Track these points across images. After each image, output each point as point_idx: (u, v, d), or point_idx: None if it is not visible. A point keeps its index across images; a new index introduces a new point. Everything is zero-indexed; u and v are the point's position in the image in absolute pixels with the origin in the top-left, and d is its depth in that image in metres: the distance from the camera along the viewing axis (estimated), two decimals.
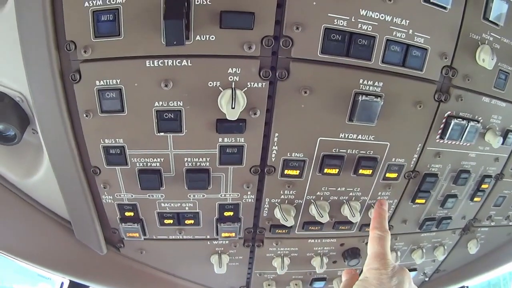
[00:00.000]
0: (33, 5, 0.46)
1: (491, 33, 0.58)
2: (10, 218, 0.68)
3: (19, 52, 0.49)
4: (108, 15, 0.47)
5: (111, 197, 0.65)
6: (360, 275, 0.51)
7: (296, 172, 0.63)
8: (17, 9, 0.47)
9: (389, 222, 0.77)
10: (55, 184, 0.63)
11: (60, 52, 0.49)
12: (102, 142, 0.57)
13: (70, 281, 0.82)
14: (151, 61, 0.50)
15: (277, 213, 0.67)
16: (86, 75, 0.51)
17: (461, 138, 0.65)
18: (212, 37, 0.49)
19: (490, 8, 0.56)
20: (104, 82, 0.51)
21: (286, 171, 0.63)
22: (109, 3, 0.46)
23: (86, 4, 0.46)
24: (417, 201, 0.74)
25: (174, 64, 0.50)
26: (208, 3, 0.47)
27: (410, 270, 0.94)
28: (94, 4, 0.46)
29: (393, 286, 0.46)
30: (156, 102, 0.53)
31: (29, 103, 0.59)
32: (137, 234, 0.69)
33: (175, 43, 0.45)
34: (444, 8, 0.52)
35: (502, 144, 0.71)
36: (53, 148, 0.59)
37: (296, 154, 0.61)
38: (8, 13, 0.48)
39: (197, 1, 0.47)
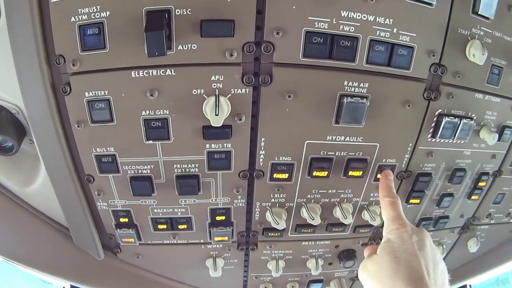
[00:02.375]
0: (24, 22, 0.48)
1: (481, 27, 0.57)
2: (11, 225, 0.70)
3: (13, 66, 0.51)
4: (93, 29, 0.48)
5: (106, 204, 0.66)
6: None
7: (285, 176, 0.63)
8: (9, 26, 0.49)
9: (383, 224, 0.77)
10: (53, 192, 0.65)
11: (51, 66, 0.51)
12: (94, 151, 0.58)
13: (71, 286, 0.84)
14: (136, 72, 0.51)
15: (269, 217, 0.68)
16: (75, 87, 0.52)
17: (454, 136, 0.64)
18: (194, 46, 0.50)
19: (479, 2, 0.54)
20: (92, 94, 0.53)
21: (275, 175, 0.63)
22: (93, 17, 0.47)
23: (73, 19, 0.47)
24: (412, 201, 0.73)
25: (159, 74, 0.51)
26: (188, 13, 0.48)
27: None
28: (80, 19, 0.48)
29: (414, 242, 0.49)
30: (143, 111, 0.54)
31: (24, 115, 0.61)
32: (132, 240, 0.70)
33: (156, 54, 0.46)
34: (430, 4, 0.52)
35: (499, 140, 0.69)
36: (48, 157, 0.61)
37: (283, 158, 0.61)
38: (1, 29, 0.50)
39: (178, 12, 0.47)
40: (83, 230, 0.70)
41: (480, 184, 0.77)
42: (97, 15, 0.47)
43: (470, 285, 1.14)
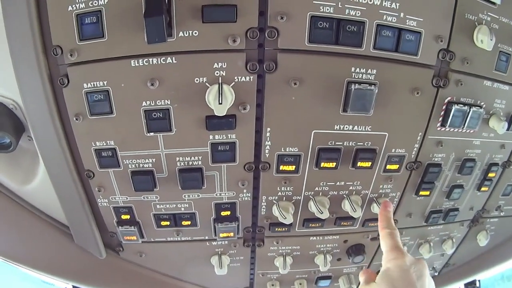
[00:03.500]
0: (20, 12, 0.47)
1: (488, 13, 0.56)
2: (10, 225, 0.69)
3: (10, 60, 0.50)
4: (91, 18, 0.47)
5: (107, 201, 0.65)
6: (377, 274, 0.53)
7: (292, 168, 0.61)
8: (5, 17, 0.48)
9: (393, 216, 0.75)
10: (52, 189, 0.64)
11: (48, 57, 0.50)
12: (94, 145, 0.57)
13: (73, 287, 0.82)
14: (135, 61, 0.49)
15: (275, 211, 0.66)
16: (73, 78, 0.51)
17: (464, 125, 0.62)
18: (195, 33, 0.48)
19: None
20: (91, 85, 0.51)
21: (281, 167, 0.61)
22: (91, 5, 0.46)
23: (70, 8, 0.46)
24: (421, 193, 0.71)
25: (159, 62, 0.50)
26: None
27: None
28: (78, 8, 0.46)
29: (413, 272, 0.50)
30: (144, 102, 0.53)
31: (22, 111, 0.60)
32: (134, 237, 0.69)
33: (157, 40, 0.44)
34: None
35: (508, 129, 0.68)
36: (47, 153, 0.59)
37: (290, 148, 0.60)
38: None
39: None
40: (84, 229, 0.68)
41: (490, 175, 0.76)
42: (95, 3, 0.46)
43: (479, 281, 1.12)
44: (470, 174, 0.72)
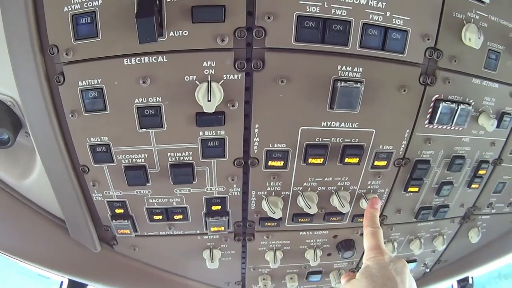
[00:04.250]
0: (17, 12, 0.48)
1: (477, 11, 0.56)
2: (7, 219, 0.70)
3: (8, 58, 0.52)
4: (86, 18, 0.48)
5: (101, 195, 0.66)
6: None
7: (280, 163, 0.62)
8: (3, 16, 0.49)
9: (382, 212, 0.76)
10: (49, 184, 0.65)
11: (45, 56, 0.51)
12: (88, 140, 0.58)
13: (69, 280, 0.84)
14: (128, 59, 0.51)
15: (265, 206, 0.67)
16: (69, 76, 0.52)
17: (452, 122, 0.63)
18: (185, 32, 0.49)
19: None
20: (86, 83, 0.53)
21: (270, 163, 0.62)
22: (86, 6, 0.48)
23: (66, 9, 0.48)
24: (410, 189, 0.72)
25: (151, 61, 0.51)
26: None
27: (409, 261, 0.91)
28: (73, 9, 0.48)
29: (392, 269, 0.51)
30: (136, 99, 0.54)
31: (20, 107, 0.61)
32: (128, 231, 0.70)
33: (148, 40, 0.46)
34: None
35: (498, 127, 0.68)
36: (43, 149, 0.61)
37: (278, 144, 0.61)
38: None
39: None
40: (79, 222, 0.70)
41: (480, 172, 0.76)
42: (90, 4, 0.47)
43: (471, 277, 1.12)
44: (460, 171, 0.73)
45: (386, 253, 0.54)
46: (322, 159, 0.62)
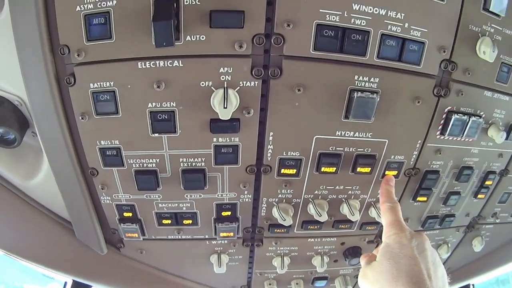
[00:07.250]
0: (27, 11, 0.47)
1: (492, 25, 0.56)
2: (13, 219, 0.70)
3: (16, 57, 0.50)
4: (99, 19, 0.47)
5: (109, 198, 0.65)
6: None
7: (293, 171, 0.62)
8: (12, 15, 0.48)
9: None
10: (56, 185, 0.64)
11: (55, 56, 0.50)
12: (99, 143, 0.57)
13: (73, 281, 0.83)
14: (143, 63, 0.50)
15: (275, 213, 0.67)
16: (80, 78, 0.51)
17: (463, 134, 0.63)
18: (203, 37, 0.49)
19: None
20: (98, 85, 0.52)
21: (282, 170, 0.62)
22: (100, 6, 0.46)
23: (78, 8, 0.47)
24: (419, 198, 0.72)
25: (166, 65, 0.50)
26: (198, 3, 0.47)
27: None
28: (86, 8, 0.47)
29: (414, 246, 0.49)
30: (150, 103, 0.53)
31: (27, 107, 0.60)
32: (136, 235, 0.70)
33: (164, 44, 0.45)
34: None
35: (506, 139, 0.69)
36: (51, 150, 0.60)
37: (292, 153, 0.61)
38: (4, 20, 0.49)
39: (186, 2, 0.46)
40: (86, 225, 0.69)
41: (487, 183, 0.77)
42: (104, 4, 0.46)
43: (473, 285, 1.14)
44: (467, 181, 0.73)
45: (406, 229, 0.51)
46: (335, 168, 0.62)
